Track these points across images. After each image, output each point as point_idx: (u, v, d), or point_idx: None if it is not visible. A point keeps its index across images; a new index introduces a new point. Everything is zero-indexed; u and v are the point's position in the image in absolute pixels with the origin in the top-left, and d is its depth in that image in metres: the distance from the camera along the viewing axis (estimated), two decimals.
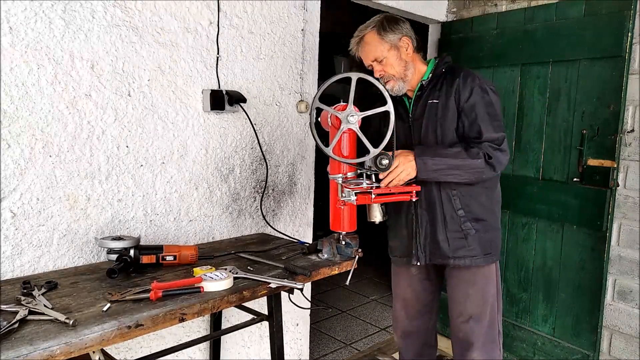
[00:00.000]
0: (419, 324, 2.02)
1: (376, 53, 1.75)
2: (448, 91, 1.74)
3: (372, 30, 1.75)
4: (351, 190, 1.57)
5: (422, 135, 1.78)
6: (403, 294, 2.01)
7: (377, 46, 1.74)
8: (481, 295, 1.83)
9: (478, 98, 1.70)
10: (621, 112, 2.23)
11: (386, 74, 1.75)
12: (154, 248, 1.59)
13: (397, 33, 1.75)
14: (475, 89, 1.71)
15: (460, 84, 1.72)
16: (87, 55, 1.60)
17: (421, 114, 1.79)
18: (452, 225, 1.78)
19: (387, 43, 1.74)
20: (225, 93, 1.94)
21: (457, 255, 1.79)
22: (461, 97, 1.71)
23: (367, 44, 1.75)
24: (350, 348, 3.00)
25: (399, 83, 1.76)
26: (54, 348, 1.05)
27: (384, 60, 1.75)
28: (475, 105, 1.70)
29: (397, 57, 1.75)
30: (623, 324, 2.36)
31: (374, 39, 1.74)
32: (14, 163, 1.49)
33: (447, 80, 1.76)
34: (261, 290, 1.47)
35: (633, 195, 2.29)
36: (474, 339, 1.84)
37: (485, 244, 1.80)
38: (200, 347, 2.05)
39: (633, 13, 2.17)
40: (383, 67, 1.75)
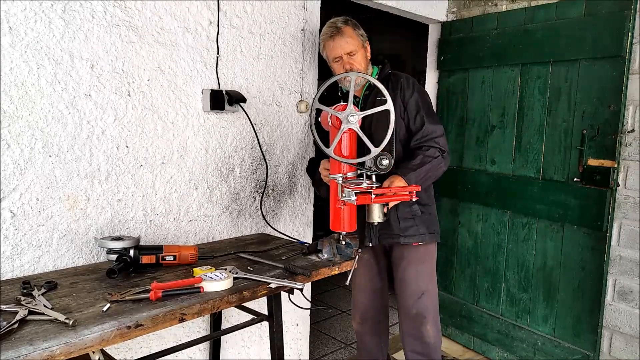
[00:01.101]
0: (373, 305, 2.22)
1: (351, 47, 1.88)
2: (395, 91, 1.93)
3: (349, 25, 1.91)
4: (351, 190, 1.57)
5: (373, 130, 1.87)
6: (359, 280, 2.21)
7: (353, 41, 1.89)
8: (429, 272, 2.05)
9: (417, 96, 1.93)
10: (621, 112, 2.23)
11: (354, 68, 1.88)
12: (154, 248, 1.59)
13: (364, 36, 1.95)
14: (416, 88, 1.95)
15: (404, 84, 1.94)
16: (86, 55, 1.60)
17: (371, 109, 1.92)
18: (402, 207, 1.96)
19: (360, 41, 1.92)
20: (225, 93, 1.94)
21: (407, 234, 1.98)
22: (405, 94, 1.92)
23: (346, 36, 1.88)
24: (350, 348, 3.00)
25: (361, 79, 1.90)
26: (54, 348, 1.05)
27: (355, 55, 1.89)
28: (418, 100, 1.92)
29: (364, 56, 1.94)
30: (623, 324, 2.36)
31: (352, 33, 1.90)
32: (13, 163, 1.48)
33: (392, 81, 1.97)
34: (261, 291, 1.47)
35: (633, 195, 2.29)
36: (426, 313, 2.02)
37: (429, 224, 2.02)
38: (200, 347, 2.05)
39: (633, 13, 2.17)
40: (352, 61, 1.88)
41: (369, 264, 2.16)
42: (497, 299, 2.78)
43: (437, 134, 1.89)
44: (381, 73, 2.00)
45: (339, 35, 1.89)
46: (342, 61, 1.90)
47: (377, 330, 2.27)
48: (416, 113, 1.90)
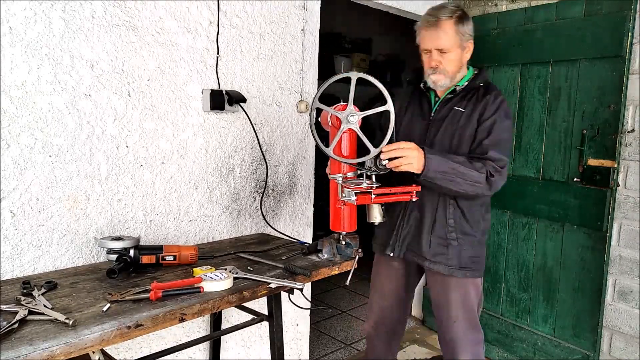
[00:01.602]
0: (391, 316, 2.05)
1: (445, 43, 1.69)
2: (476, 104, 1.74)
3: (452, 20, 1.69)
4: (351, 190, 1.57)
5: (438, 138, 1.77)
6: (381, 285, 2.04)
7: (450, 38, 1.69)
8: (462, 301, 1.84)
9: (498, 120, 1.70)
10: (621, 112, 2.23)
11: (441, 66, 1.71)
12: (154, 248, 1.59)
13: (469, 34, 1.73)
14: (500, 111, 1.71)
15: (490, 101, 1.72)
16: (87, 55, 1.60)
17: (444, 117, 1.78)
18: (438, 230, 1.79)
19: (459, 39, 1.70)
20: (225, 93, 1.94)
21: (434, 260, 1.80)
22: (485, 113, 1.71)
23: (442, 31, 1.69)
24: (350, 348, 3.00)
25: (446, 81, 1.75)
26: (54, 348, 1.05)
27: (447, 54, 1.71)
28: (494, 126, 1.70)
29: (459, 57, 1.73)
30: (623, 324, 2.36)
31: (451, 30, 1.69)
32: (13, 163, 1.48)
33: (479, 94, 1.76)
34: (261, 291, 1.47)
35: (633, 195, 2.29)
36: (459, 341, 1.86)
37: (465, 260, 1.80)
38: (200, 347, 2.05)
39: (633, 13, 2.17)
40: (442, 59, 1.71)
41: (397, 274, 1.98)
42: (497, 298, 2.78)
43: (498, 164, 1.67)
44: (473, 80, 1.79)
45: (434, 27, 1.69)
46: (430, 55, 1.74)
47: (389, 339, 2.11)
48: (485, 138, 1.70)
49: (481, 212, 1.83)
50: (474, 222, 1.80)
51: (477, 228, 1.82)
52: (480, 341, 1.90)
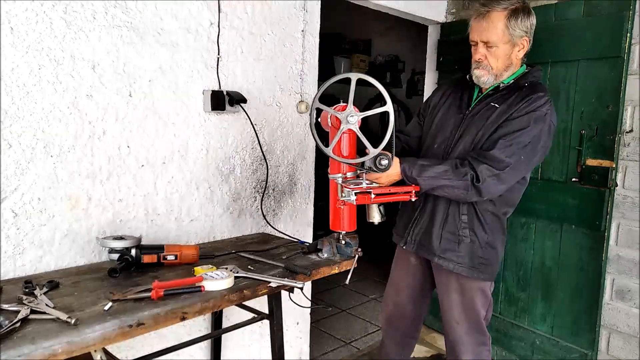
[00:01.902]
0: (405, 312, 2.02)
1: (492, 37, 1.60)
2: (513, 102, 1.63)
3: (503, 12, 1.59)
4: (351, 190, 1.58)
5: (465, 132, 1.71)
6: (398, 279, 2.02)
7: (498, 32, 1.59)
8: (469, 305, 1.82)
9: (526, 123, 1.58)
10: (620, 112, 2.24)
11: (485, 61, 1.63)
12: (155, 248, 1.60)
13: (524, 29, 1.62)
14: (533, 113, 1.59)
15: (528, 101, 1.61)
16: (88, 55, 1.61)
17: (478, 111, 1.72)
18: (450, 226, 1.77)
19: (508, 34, 1.60)
20: (225, 93, 1.95)
21: (444, 256, 1.77)
22: (514, 113, 1.61)
23: (490, 22, 1.60)
24: (350, 347, 3.01)
25: (489, 77, 1.67)
26: (56, 347, 1.05)
27: (493, 48, 1.62)
28: (514, 126, 1.59)
29: (507, 54, 1.63)
30: (621, 323, 2.37)
31: (500, 23, 1.59)
32: (15, 163, 1.49)
33: (523, 93, 1.65)
34: (262, 289, 1.48)
35: (632, 195, 2.30)
36: (460, 343, 1.85)
37: (476, 258, 1.75)
38: (201, 345, 2.06)
39: (632, 13, 2.18)
40: (488, 53, 1.63)
41: (413, 270, 1.94)
42: (495, 298, 2.79)
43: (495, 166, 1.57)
44: (519, 80, 1.69)
45: (483, 18, 1.61)
46: (476, 47, 1.65)
47: (402, 340, 2.06)
48: (497, 137, 1.60)
49: (498, 217, 1.77)
50: (487, 224, 1.75)
51: (491, 232, 1.76)
52: (484, 343, 1.87)
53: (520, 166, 1.62)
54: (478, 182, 1.59)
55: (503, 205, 1.80)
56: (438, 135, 1.83)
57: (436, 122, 1.86)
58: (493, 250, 1.79)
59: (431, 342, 3.01)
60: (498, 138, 1.62)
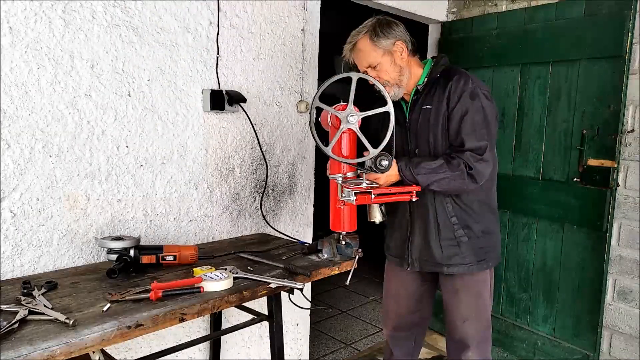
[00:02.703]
0: (410, 320, 2.01)
1: (369, 59, 1.71)
2: (440, 96, 1.70)
3: (365, 36, 1.71)
4: (351, 190, 1.57)
5: (417, 142, 1.76)
6: (395, 290, 2.01)
7: (370, 52, 1.70)
8: (476, 299, 1.83)
9: (467, 104, 1.65)
10: (621, 112, 2.23)
11: (381, 80, 1.70)
12: (154, 248, 1.59)
13: (390, 38, 1.70)
14: (465, 94, 1.66)
15: (452, 88, 1.68)
16: (87, 55, 1.60)
17: (416, 119, 1.77)
18: (445, 232, 1.77)
19: (380, 49, 1.70)
20: (225, 93, 1.94)
21: (451, 263, 1.77)
22: (450, 102, 1.68)
23: (360, 51, 1.72)
24: (350, 348, 3.00)
25: (394, 89, 1.73)
26: (54, 348, 1.05)
27: (377, 66, 1.71)
28: (462, 112, 1.66)
29: (391, 63, 1.71)
30: (623, 324, 2.36)
31: (367, 45, 1.70)
32: (13, 163, 1.49)
33: (441, 84, 1.71)
34: (261, 291, 1.47)
35: (633, 195, 2.29)
36: (470, 340, 1.85)
37: (479, 251, 1.78)
38: (200, 347, 2.05)
39: (633, 13, 2.17)
40: (377, 73, 1.71)
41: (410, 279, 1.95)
42: (497, 299, 2.78)
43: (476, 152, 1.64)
44: (431, 74, 1.75)
45: (354, 51, 1.74)
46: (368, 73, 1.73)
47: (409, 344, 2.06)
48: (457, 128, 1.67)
49: (479, 199, 1.80)
50: (475, 213, 1.78)
51: (482, 219, 1.79)
52: (488, 339, 1.89)
53: (491, 140, 1.70)
54: (471, 170, 1.64)
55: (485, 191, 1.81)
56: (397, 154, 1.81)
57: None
58: (490, 235, 1.82)
59: (432, 344, 3.00)
60: (458, 132, 1.67)
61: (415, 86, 1.77)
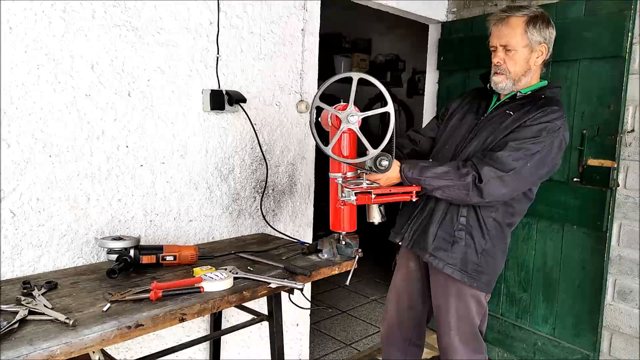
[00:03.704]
0: (406, 318, 2.01)
1: (511, 41, 1.64)
2: (528, 112, 1.65)
3: (522, 18, 1.64)
4: (351, 190, 1.57)
5: (477, 135, 1.73)
6: (398, 285, 2.02)
7: (517, 36, 1.63)
8: (464, 310, 1.80)
9: (538, 132, 1.59)
10: (621, 112, 2.23)
11: (504, 65, 1.66)
12: (154, 248, 1.59)
13: (542, 36, 1.65)
14: (545, 124, 1.60)
15: (542, 113, 1.62)
16: (87, 55, 1.60)
17: (491, 117, 1.74)
18: (446, 226, 1.75)
19: (527, 39, 1.64)
20: (225, 93, 1.94)
21: (435, 255, 1.74)
22: (528, 120, 1.62)
23: (509, 27, 1.64)
24: (350, 348, 3.00)
25: (508, 82, 1.69)
26: (54, 348, 1.05)
27: (512, 52, 1.65)
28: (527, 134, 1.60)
29: (526, 59, 1.66)
30: (623, 324, 2.36)
31: (519, 27, 1.63)
32: (13, 163, 1.49)
33: (537, 104, 1.66)
34: (261, 291, 1.47)
35: (633, 195, 2.29)
36: (452, 351, 1.83)
37: (469, 264, 1.72)
38: (200, 347, 2.05)
39: (633, 13, 2.17)
40: (506, 57, 1.66)
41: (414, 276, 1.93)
42: (496, 299, 2.78)
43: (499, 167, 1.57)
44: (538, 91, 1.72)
45: (502, 23, 1.65)
46: (496, 52, 1.68)
47: (402, 348, 2.03)
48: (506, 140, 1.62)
49: (501, 225, 1.75)
50: (487, 230, 1.72)
51: (490, 239, 1.73)
52: (478, 351, 1.84)
53: (525, 173, 1.61)
54: (480, 183, 1.58)
55: (507, 215, 1.77)
56: (450, 138, 1.85)
57: (451, 125, 1.88)
58: (491, 259, 1.75)
59: (432, 344, 2.99)
60: (507, 141, 1.63)
61: (517, 91, 1.73)
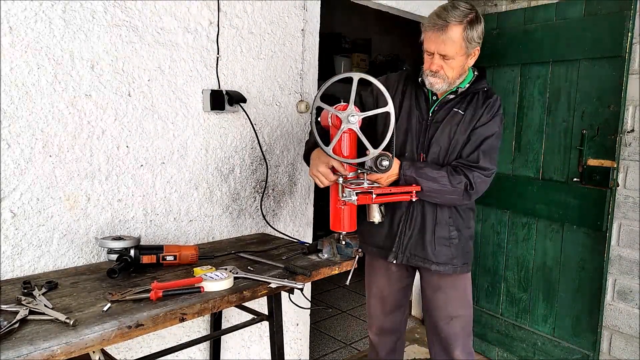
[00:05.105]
0: (394, 319, 2.03)
1: (450, 51, 1.61)
2: (476, 109, 1.72)
3: (460, 26, 1.59)
4: (352, 190, 1.57)
5: (436, 138, 1.75)
6: (381, 290, 2.00)
7: (456, 46, 1.60)
8: (460, 298, 1.87)
9: (494, 127, 1.72)
10: (621, 112, 2.23)
11: (442, 71, 1.65)
12: (154, 248, 1.59)
13: (477, 42, 1.65)
14: (496, 118, 1.72)
15: (489, 106, 1.72)
16: (87, 55, 1.60)
17: (443, 117, 1.75)
18: (441, 231, 1.79)
19: (464, 47, 1.62)
20: (225, 93, 1.94)
21: (440, 261, 1.79)
22: (481, 119, 1.71)
23: (449, 37, 1.59)
24: (350, 348, 3.00)
25: (444, 85, 1.70)
26: (55, 348, 1.05)
27: (450, 60, 1.63)
28: (488, 133, 1.71)
29: (462, 64, 1.67)
30: (623, 324, 2.37)
31: (458, 37, 1.60)
32: (14, 163, 1.49)
33: (480, 97, 1.74)
34: (261, 290, 1.47)
35: (633, 195, 2.29)
36: (454, 339, 1.87)
37: (466, 254, 1.84)
38: (201, 347, 2.05)
39: (633, 13, 2.17)
40: (444, 64, 1.64)
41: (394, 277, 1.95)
42: (496, 298, 2.78)
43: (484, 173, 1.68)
44: (472, 84, 1.75)
45: (441, 31, 1.59)
46: (432, 58, 1.65)
47: (394, 342, 2.08)
48: (477, 146, 1.69)
49: (471, 208, 1.87)
50: (465, 216, 1.83)
51: (468, 221, 1.85)
52: (470, 333, 1.93)
53: (495, 163, 1.77)
54: (472, 189, 1.68)
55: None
56: (406, 144, 1.80)
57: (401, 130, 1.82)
58: (472, 240, 1.90)
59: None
60: (477, 147, 1.71)
61: (456, 87, 1.74)
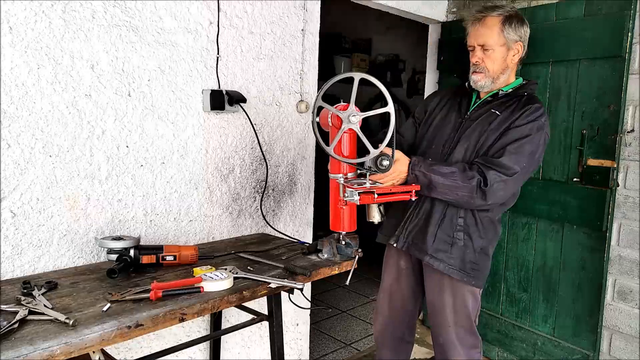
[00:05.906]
0: (399, 316, 2.02)
1: (488, 40, 1.69)
2: (514, 112, 1.70)
3: (498, 17, 1.69)
4: (354, 190, 1.57)
5: (466, 134, 1.74)
6: (388, 285, 2.01)
7: (494, 35, 1.68)
8: (459, 306, 1.82)
9: (529, 132, 1.65)
10: (621, 112, 2.23)
11: (482, 64, 1.70)
12: (154, 248, 1.59)
13: (517, 34, 1.70)
14: (534, 123, 1.66)
15: (527, 112, 1.67)
16: (87, 55, 1.60)
17: (478, 116, 1.76)
18: (446, 227, 1.77)
19: (503, 38, 1.69)
20: (225, 93, 1.94)
21: (435, 256, 1.76)
22: (516, 121, 1.67)
23: (486, 27, 1.69)
24: (350, 348, 3.00)
25: (487, 80, 1.73)
26: (54, 348, 1.05)
27: (489, 51, 1.69)
28: (520, 135, 1.65)
29: (503, 57, 1.71)
30: (623, 324, 2.36)
31: (496, 27, 1.68)
32: (14, 163, 1.49)
33: (521, 103, 1.72)
34: (261, 290, 1.47)
35: (633, 195, 2.29)
36: (452, 347, 1.84)
37: (467, 263, 1.76)
38: (200, 347, 2.05)
39: (633, 13, 2.17)
40: (484, 56, 1.70)
41: (404, 274, 1.94)
42: (496, 298, 2.78)
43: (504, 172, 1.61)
44: (519, 89, 1.77)
45: (479, 23, 1.70)
46: (474, 51, 1.72)
47: (397, 346, 2.05)
48: (504, 145, 1.65)
49: (493, 222, 1.80)
50: (483, 229, 1.77)
51: (486, 237, 1.78)
52: (475, 346, 1.86)
53: (524, 173, 1.68)
54: (485, 186, 1.62)
55: (499, 211, 1.83)
56: (435, 138, 1.84)
57: (434, 126, 1.87)
58: (485, 256, 1.81)
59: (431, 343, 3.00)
60: (505, 145, 1.65)
61: (498, 90, 1.77)
